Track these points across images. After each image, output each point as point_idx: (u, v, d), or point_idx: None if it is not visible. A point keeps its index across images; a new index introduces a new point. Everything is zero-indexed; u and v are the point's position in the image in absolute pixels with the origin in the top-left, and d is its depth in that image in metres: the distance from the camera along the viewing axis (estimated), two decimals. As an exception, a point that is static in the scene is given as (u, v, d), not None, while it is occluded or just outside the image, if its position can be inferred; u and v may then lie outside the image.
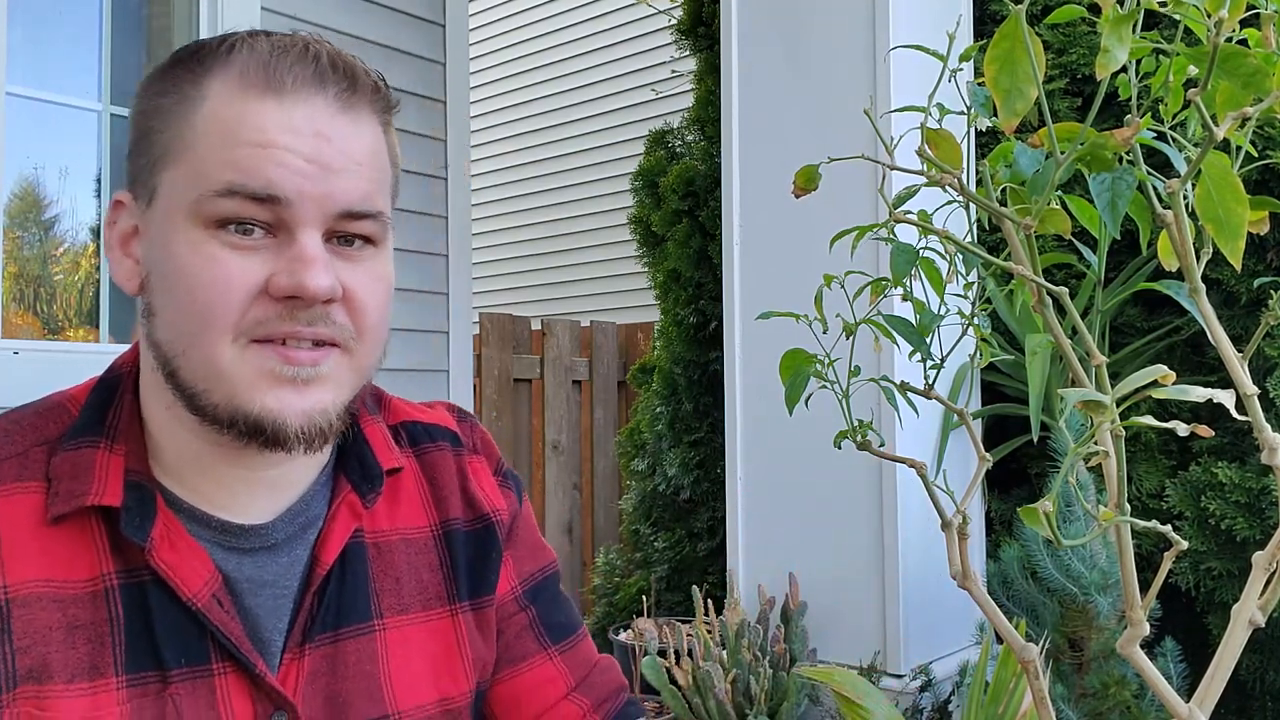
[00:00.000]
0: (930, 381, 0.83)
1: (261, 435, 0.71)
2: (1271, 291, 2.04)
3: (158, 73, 0.75)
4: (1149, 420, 0.61)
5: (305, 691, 0.76)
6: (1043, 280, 0.66)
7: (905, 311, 0.86)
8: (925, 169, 0.72)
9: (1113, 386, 0.61)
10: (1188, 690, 1.79)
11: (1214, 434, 0.89)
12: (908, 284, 0.80)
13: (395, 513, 0.86)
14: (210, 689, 0.72)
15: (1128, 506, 0.64)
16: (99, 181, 2.50)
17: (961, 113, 0.73)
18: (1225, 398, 0.59)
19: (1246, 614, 0.66)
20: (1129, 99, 0.69)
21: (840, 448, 0.91)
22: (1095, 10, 0.60)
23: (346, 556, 0.80)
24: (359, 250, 0.75)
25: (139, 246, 0.75)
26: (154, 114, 0.74)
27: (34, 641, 0.69)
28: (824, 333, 0.84)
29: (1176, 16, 0.60)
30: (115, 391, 0.78)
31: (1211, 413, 2.12)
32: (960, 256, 0.81)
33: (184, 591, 0.72)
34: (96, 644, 0.70)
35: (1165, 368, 0.59)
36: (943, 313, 0.81)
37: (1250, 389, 0.65)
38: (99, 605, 0.71)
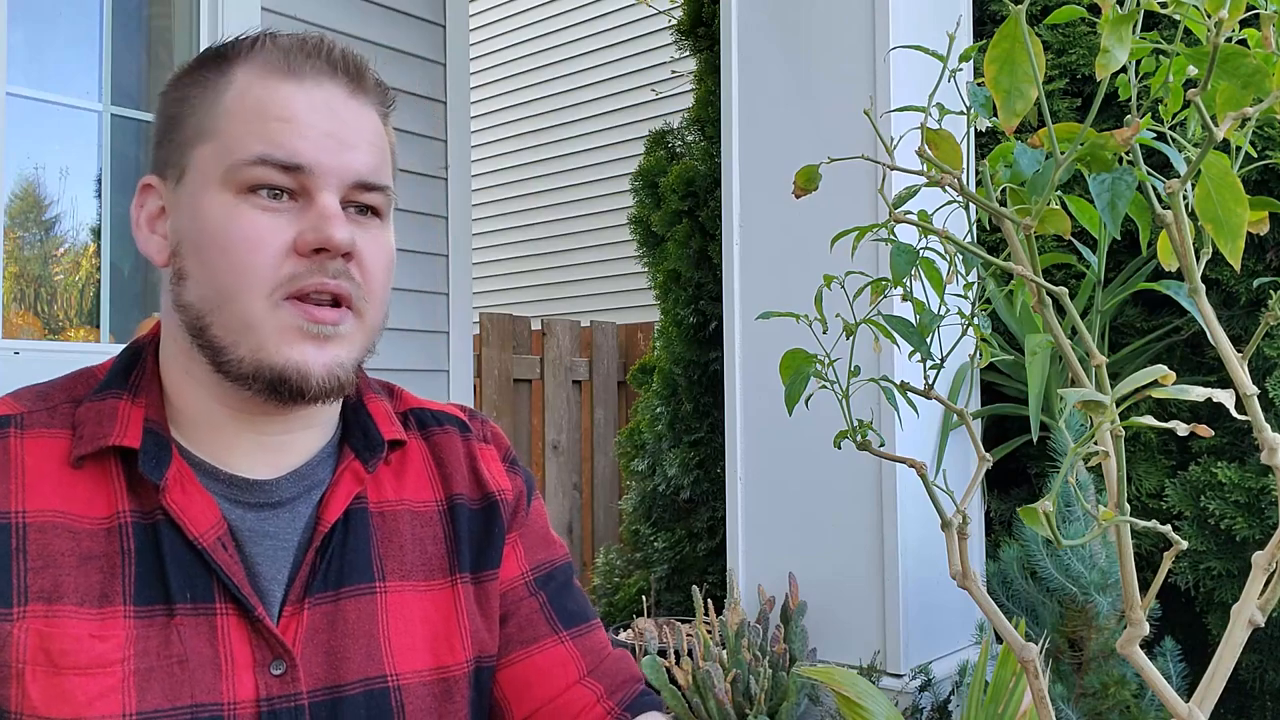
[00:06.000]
0: (930, 381, 0.83)
1: (285, 385, 0.77)
2: (1271, 291, 2.04)
3: (183, 72, 0.84)
4: (1149, 420, 0.61)
5: (305, 644, 0.79)
6: (1042, 280, 0.66)
7: (905, 311, 0.86)
8: (925, 169, 0.72)
9: (1113, 386, 0.61)
10: (1187, 690, 1.79)
11: (1214, 434, 0.90)
12: (908, 284, 0.80)
13: (402, 486, 0.90)
14: (211, 626, 0.76)
15: (1127, 506, 0.64)
16: (99, 181, 2.50)
17: (961, 113, 0.73)
18: (1225, 398, 0.59)
19: (1246, 614, 0.66)
20: (1129, 99, 0.69)
21: (840, 448, 0.91)
22: (1095, 11, 0.60)
23: (350, 520, 0.84)
24: (368, 219, 0.83)
25: (166, 223, 0.82)
26: (181, 103, 0.82)
27: (47, 564, 0.74)
28: (824, 333, 0.84)
29: (1176, 17, 0.60)
30: (139, 356, 0.85)
31: (1211, 413, 2.12)
32: (960, 256, 0.81)
33: (191, 531, 0.77)
34: (108, 574, 0.75)
35: (1165, 368, 0.59)
36: (943, 313, 0.81)
37: (1250, 389, 0.65)
38: (112, 539, 0.76)
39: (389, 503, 0.88)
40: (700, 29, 3.38)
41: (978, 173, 0.76)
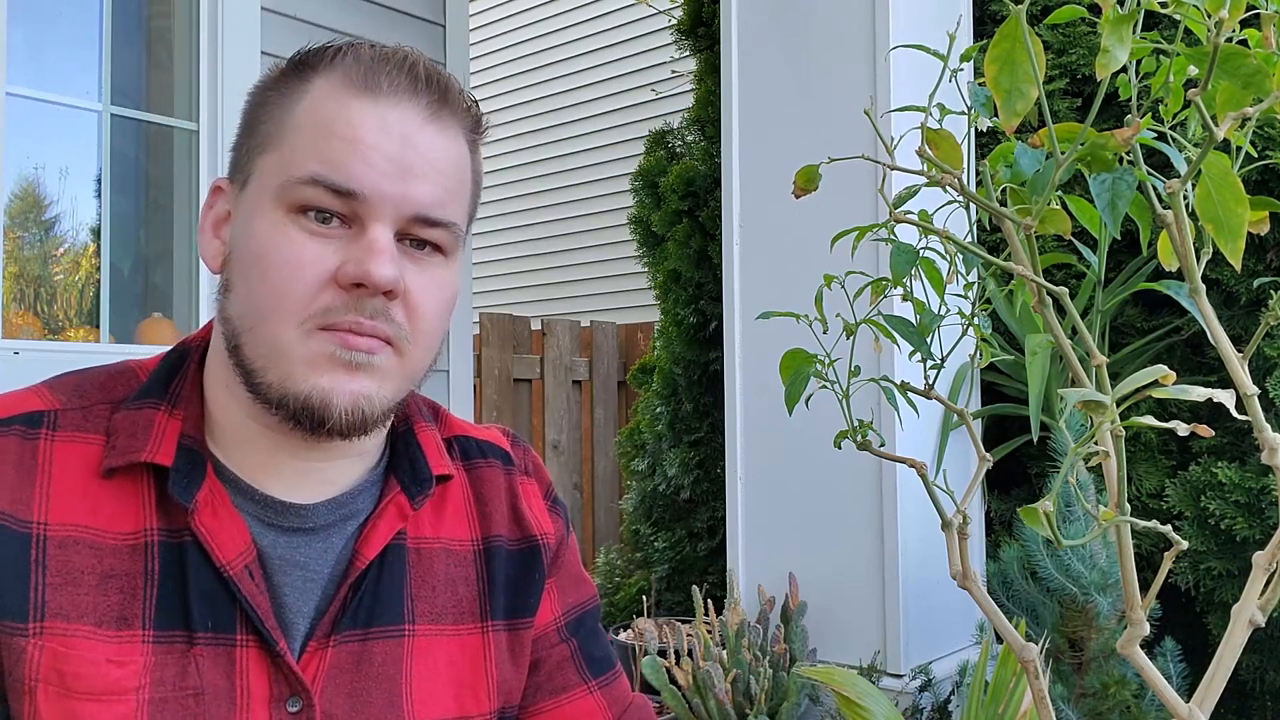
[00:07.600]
0: (930, 381, 0.83)
1: (307, 413, 0.73)
2: (1271, 291, 2.04)
3: (272, 74, 0.80)
4: (1149, 420, 0.61)
5: (326, 684, 0.76)
6: (1043, 280, 0.66)
7: (905, 311, 0.86)
8: (925, 169, 0.72)
9: (1113, 386, 0.61)
10: (1188, 690, 1.79)
11: (1214, 434, 0.90)
12: (908, 284, 0.80)
13: (440, 522, 0.86)
14: (230, 658, 0.74)
15: (1128, 506, 0.64)
16: (99, 181, 2.50)
17: (962, 113, 0.73)
18: (1225, 398, 0.59)
19: (1246, 614, 0.66)
20: (1129, 99, 0.69)
21: (840, 448, 0.91)
22: (1095, 10, 0.60)
23: (387, 557, 0.81)
24: (428, 255, 0.78)
25: (228, 229, 0.79)
26: (261, 107, 0.79)
27: (67, 581, 0.72)
28: (824, 333, 0.84)
29: (1176, 17, 0.60)
30: (182, 362, 0.82)
31: (1211, 413, 2.12)
32: (960, 256, 0.81)
33: (219, 557, 0.74)
34: (128, 595, 0.73)
35: (1165, 368, 0.59)
36: (943, 313, 0.81)
37: (1250, 389, 0.65)
38: (136, 558, 0.74)
39: (426, 540, 0.85)
40: (700, 29, 3.38)
41: (978, 173, 0.76)
